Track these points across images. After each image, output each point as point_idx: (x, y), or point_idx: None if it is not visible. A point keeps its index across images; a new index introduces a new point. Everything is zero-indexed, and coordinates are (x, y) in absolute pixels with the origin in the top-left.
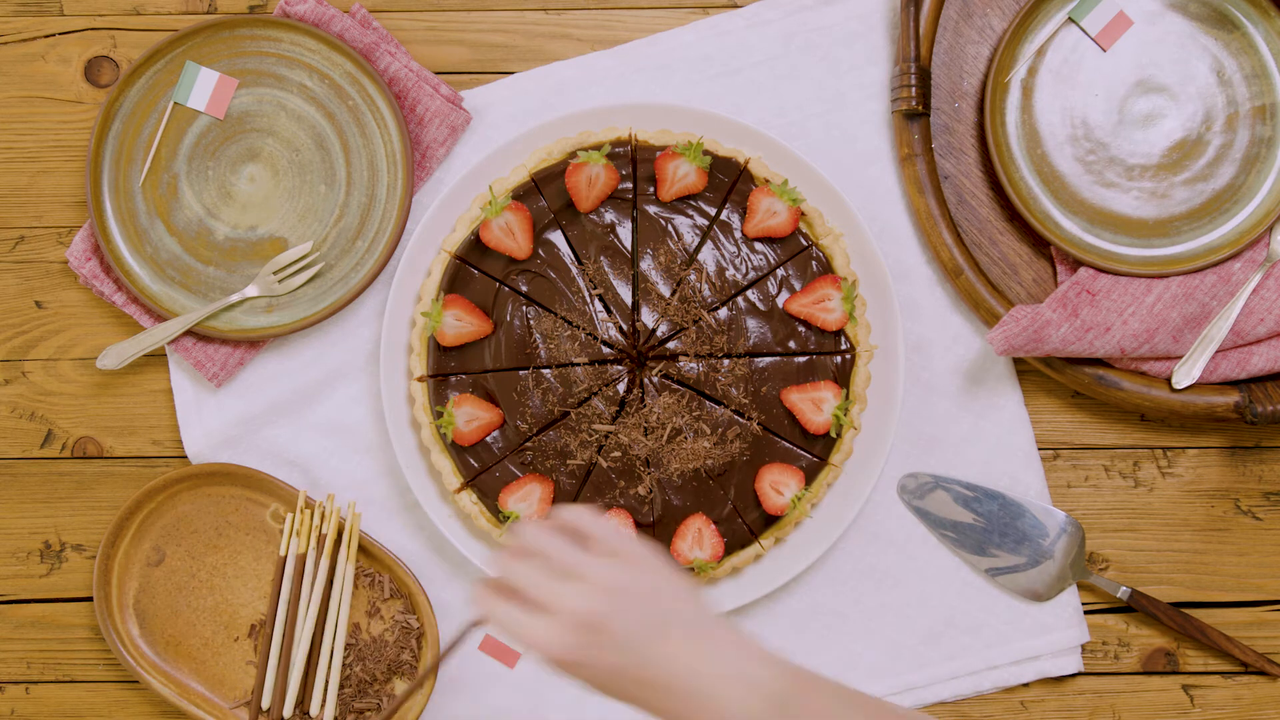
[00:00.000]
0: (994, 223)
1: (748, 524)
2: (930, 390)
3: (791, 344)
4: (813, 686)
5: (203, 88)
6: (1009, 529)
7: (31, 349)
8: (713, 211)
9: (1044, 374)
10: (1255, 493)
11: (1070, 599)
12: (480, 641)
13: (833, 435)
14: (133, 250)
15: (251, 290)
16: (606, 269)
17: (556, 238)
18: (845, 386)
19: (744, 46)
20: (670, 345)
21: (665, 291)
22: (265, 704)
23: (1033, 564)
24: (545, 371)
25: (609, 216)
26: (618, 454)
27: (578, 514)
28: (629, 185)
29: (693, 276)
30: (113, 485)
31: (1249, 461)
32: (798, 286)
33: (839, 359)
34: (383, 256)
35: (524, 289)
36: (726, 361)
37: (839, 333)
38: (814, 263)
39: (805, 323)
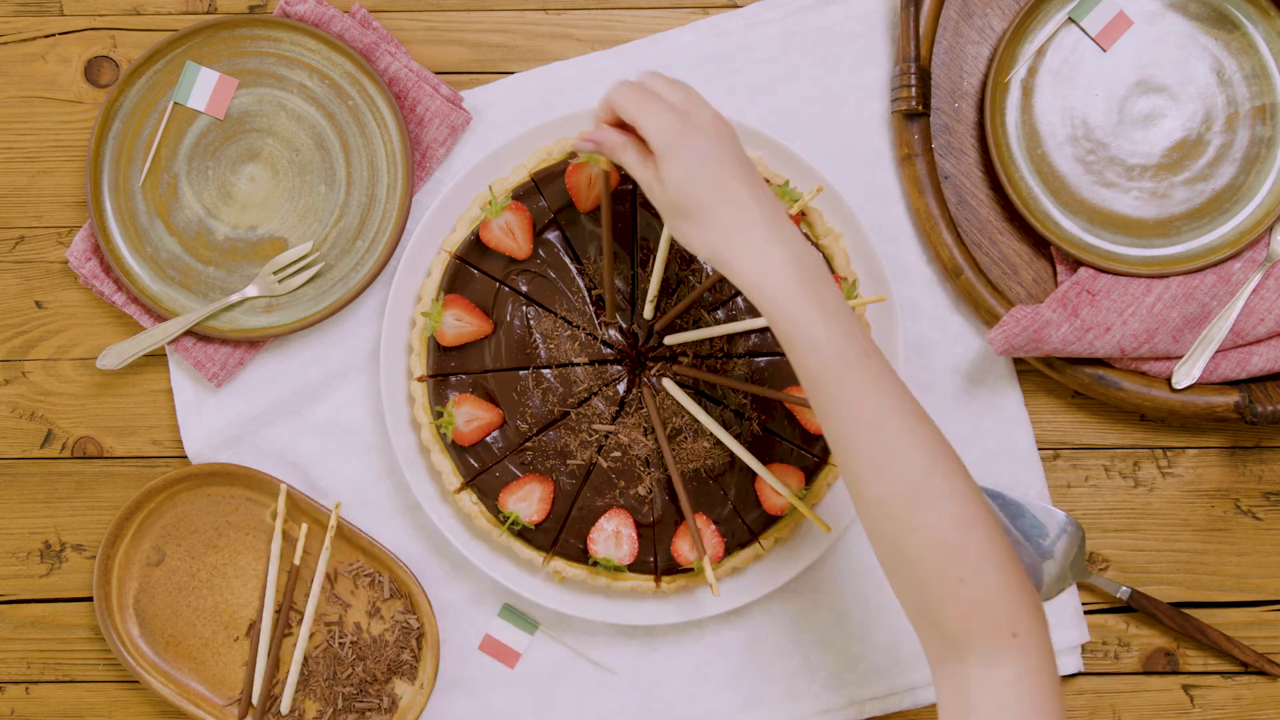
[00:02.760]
0: (994, 223)
1: (748, 524)
2: (930, 390)
3: None
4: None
5: (203, 88)
6: (1009, 529)
7: (31, 349)
8: None
9: (1044, 374)
10: (1255, 493)
11: (1070, 599)
12: (481, 641)
13: None
14: (133, 250)
15: (251, 290)
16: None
17: (556, 238)
18: None
19: (744, 46)
20: (669, 343)
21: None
22: (254, 699)
23: (1033, 564)
24: (545, 371)
25: None
26: (618, 454)
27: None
28: (629, 185)
29: (692, 277)
30: (113, 485)
31: (1249, 461)
32: None
33: None
34: (383, 256)
35: (524, 289)
36: (727, 361)
37: None
38: None
39: None
